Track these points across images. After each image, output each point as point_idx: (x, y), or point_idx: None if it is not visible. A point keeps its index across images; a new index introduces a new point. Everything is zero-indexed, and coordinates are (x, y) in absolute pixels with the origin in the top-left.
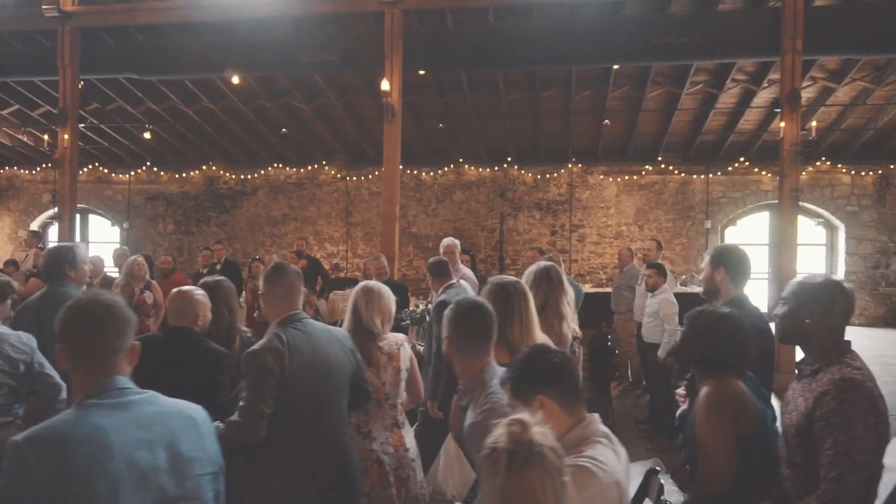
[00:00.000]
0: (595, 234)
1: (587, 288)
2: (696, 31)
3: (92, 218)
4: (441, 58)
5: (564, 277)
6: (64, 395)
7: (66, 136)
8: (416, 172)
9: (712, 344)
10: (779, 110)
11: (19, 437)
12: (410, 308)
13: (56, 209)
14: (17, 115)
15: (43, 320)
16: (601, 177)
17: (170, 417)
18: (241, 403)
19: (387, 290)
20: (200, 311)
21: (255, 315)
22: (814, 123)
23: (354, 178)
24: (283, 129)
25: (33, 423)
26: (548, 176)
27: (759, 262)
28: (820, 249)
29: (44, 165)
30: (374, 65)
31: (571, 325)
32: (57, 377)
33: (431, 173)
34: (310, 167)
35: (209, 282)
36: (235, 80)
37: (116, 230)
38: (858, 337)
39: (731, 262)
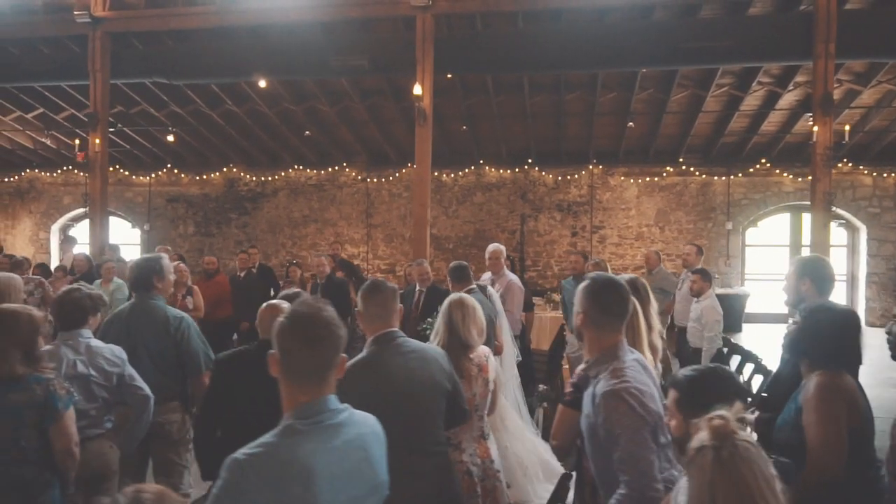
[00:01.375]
0: (616, 235)
1: None
2: (726, 35)
3: (112, 220)
4: (470, 62)
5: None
6: (152, 406)
7: (97, 141)
8: (436, 174)
9: (832, 339)
10: (807, 113)
11: (240, 455)
12: (431, 319)
13: (84, 210)
14: (40, 119)
15: (134, 332)
16: (622, 178)
17: (368, 439)
18: None
19: (478, 303)
20: None
21: None
22: (847, 128)
23: (375, 180)
24: (307, 132)
25: (120, 434)
26: (568, 177)
27: (780, 263)
28: (841, 251)
29: (65, 168)
30: (404, 69)
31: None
32: (146, 389)
33: (452, 175)
34: (330, 169)
35: (292, 295)
36: (263, 83)
37: (137, 232)
38: (881, 338)
39: (817, 273)
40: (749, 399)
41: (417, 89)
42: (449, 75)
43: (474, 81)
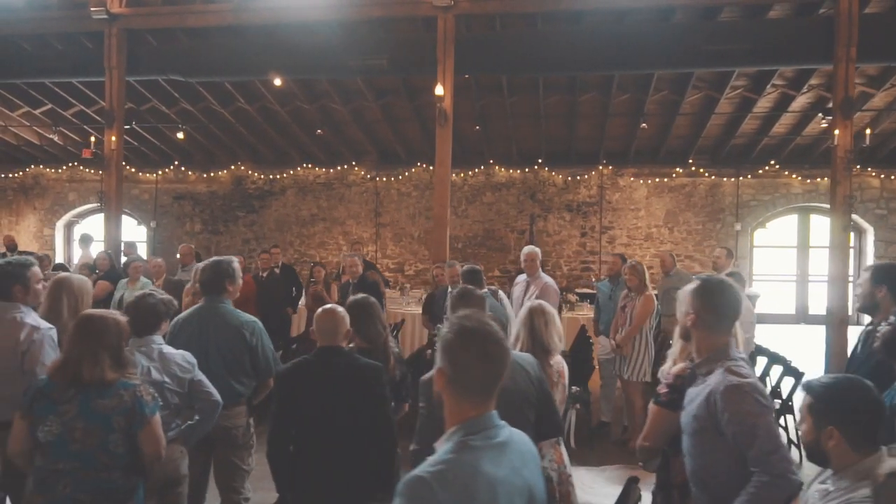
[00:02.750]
0: (625, 235)
1: None
2: (746, 38)
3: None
4: (489, 62)
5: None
6: (219, 411)
7: (112, 138)
8: None
9: None
10: (820, 114)
11: (424, 473)
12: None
13: (89, 207)
14: (48, 115)
15: (206, 337)
16: (631, 179)
17: (528, 456)
18: (418, 428)
19: (554, 310)
20: (345, 329)
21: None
22: (868, 131)
23: (384, 179)
24: (319, 131)
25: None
26: (578, 178)
27: (787, 264)
28: (848, 252)
29: (71, 164)
30: (424, 69)
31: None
32: (216, 394)
33: (461, 174)
34: (339, 167)
35: (356, 299)
36: (277, 82)
37: (143, 230)
38: None
39: (893, 280)
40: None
41: (439, 90)
42: (466, 76)
43: (489, 82)
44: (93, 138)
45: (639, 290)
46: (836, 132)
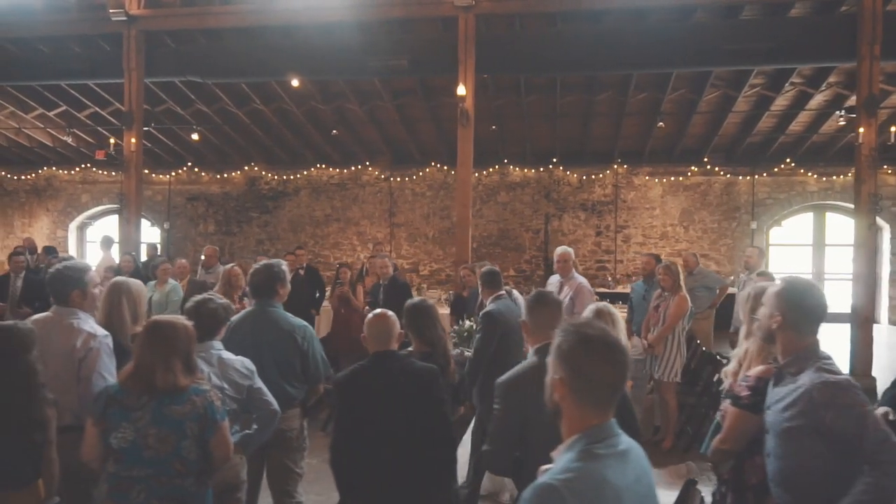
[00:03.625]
0: (640, 234)
1: None
2: (768, 37)
3: None
4: (509, 62)
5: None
6: (277, 420)
7: (132, 140)
8: None
9: None
10: (837, 112)
11: (554, 481)
12: (458, 326)
13: (103, 209)
14: (62, 116)
15: (260, 341)
16: (646, 178)
17: (646, 464)
18: (491, 430)
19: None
20: (397, 332)
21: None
22: (893, 129)
23: (398, 179)
24: (334, 131)
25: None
26: (593, 177)
27: (803, 263)
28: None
29: (84, 166)
30: (444, 69)
31: None
32: (275, 403)
33: (476, 174)
34: (353, 168)
35: (414, 302)
36: (295, 83)
37: (156, 231)
38: None
39: None
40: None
41: (461, 90)
42: (485, 76)
43: (505, 81)
44: (112, 140)
45: (673, 290)
46: (861, 130)
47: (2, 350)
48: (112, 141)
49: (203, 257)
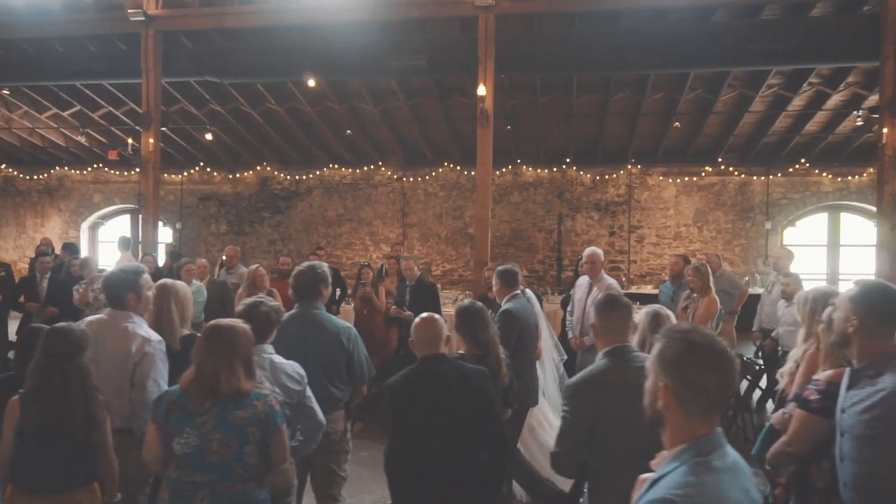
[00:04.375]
0: (654, 235)
1: (648, 289)
2: (790, 37)
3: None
4: (528, 62)
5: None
6: (322, 433)
7: (150, 140)
8: (473, 173)
9: None
10: (855, 111)
11: (672, 496)
12: None
13: (115, 209)
14: (76, 116)
15: (306, 343)
16: (660, 178)
17: (750, 475)
18: (560, 432)
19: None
20: (445, 335)
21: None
22: None
23: (411, 179)
24: (348, 131)
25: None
26: (606, 177)
27: (818, 263)
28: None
29: (96, 166)
30: (463, 69)
31: None
32: (321, 414)
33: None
34: (365, 168)
35: (465, 305)
36: (311, 83)
37: (168, 231)
38: None
39: None
40: None
41: (481, 90)
42: (502, 75)
43: (521, 81)
44: (130, 140)
45: (702, 291)
46: (885, 131)
47: (58, 352)
48: (130, 141)
49: (224, 257)
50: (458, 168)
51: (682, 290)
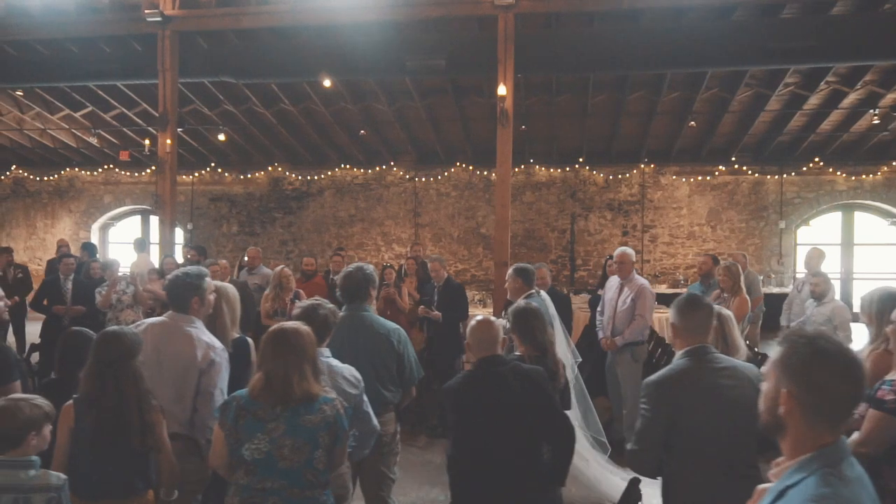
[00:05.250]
0: (667, 234)
1: (662, 289)
2: (810, 35)
3: (153, 219)
4: (547, 62)
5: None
6: (376, 438)
7: (167, 141)
8: (485, 173)
9: None
10: (871, 110)
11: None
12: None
13: (127, 209)
14: (87, 117)
15: (357, 346)
16: (673, 177)
17: (870, 482)
18: (638, 429)
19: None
20: (501, 337)
21: None
22: None
23: (423, 179)
24: (362, 131)
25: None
26: (619, 176)
27: (831, 262)
28: (891, 249)
29: (106, 167)
30: (482, 69)
31: None
32: (375, 421)
33: None
34: (377, 168)
35: (522, 306)
36: (327, 83)
37: (179, 231)
38: None
39: None
40: None
41: (502, 90)
42: (519, 75)
43: (536, 80)
44: (146, 141)
45: (733, 291)
46: None
47: (110, 356)
48: (147, 142)
49: (246, 258)
50: (471, 168)
51: (711, 289)
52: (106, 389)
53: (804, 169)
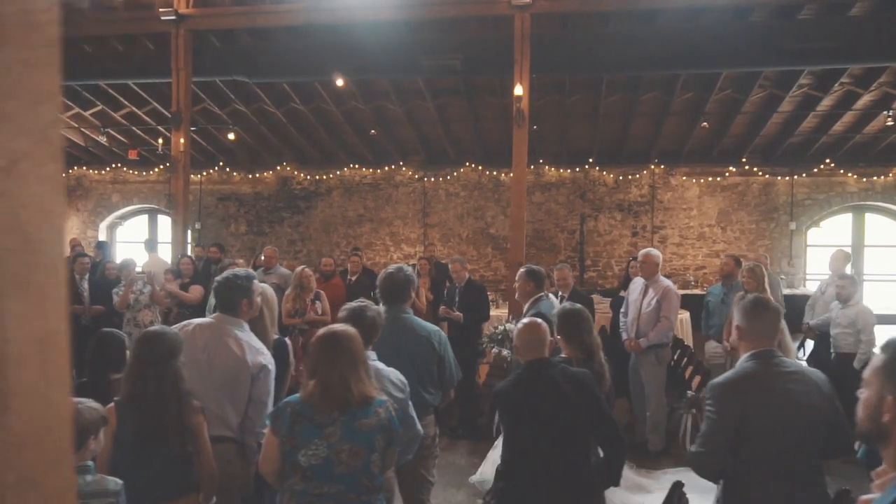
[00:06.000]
0: (677, 235)
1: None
2: (828, 36)
3: (161, 218)
4: (563, 62)
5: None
6: (419, 443)
7: (181, 140)
8: (494, 173)
9: None
10: (885, 111)
11: None
12: (493, 329)
13: (134, 208)
14: (97, 116)
15: (400, 349)
16: (683, 178)
17: None
18: (703, 431)
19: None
20: (549, 340)
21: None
22: None
23: (432, 179)
24: (373, 131)
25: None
26: (629, 177)
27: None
28: None
29: (114, 165)
30: (498, 69)
31: None
32: (419, 425)
33: (511, 174)
34: (386, 168)
35: (568, 308)
36: (340, 82)
37: (187, 231)
38: None
39: None
40: None
41: (518, 90)
42: (533, 75)
43: (549, 81)
44: (160, 140)
45: (757, 293)
46: None
47: (154, 356)
48: (160, 141)
49: (263, 258)
50: (480, 168)
51: (733, 290)
52: (147, 391)
53: (815, 170)
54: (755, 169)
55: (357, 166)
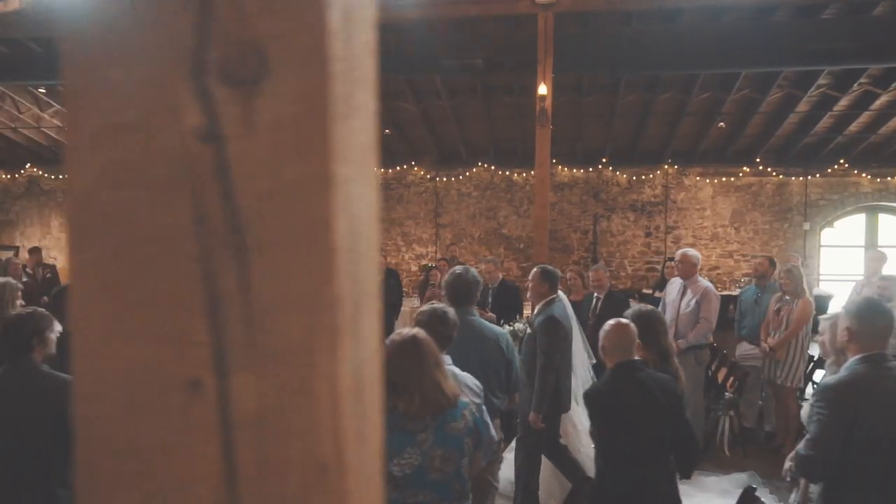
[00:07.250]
0: (690, 235)
1: None
2: (851, 36)
3: None
4: (584, 61)
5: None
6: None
7: None
8: (507, 173)
9: None
10: None
11: None
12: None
13: None
14: None
15: (468, 352)
16: (697, 178)
17: None
18: (814, 435)
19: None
20: (636, 342)
21: None
22: None
23: (444, 179)
24: (386, 130)
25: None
26: (643, 177)
27: (855, 264)
28: None
29: None
30: (520, 68)
31: None
32: (493, 430)
33: (523, 174)
34: (398, 167)
35: (645, 311)
36: None
37: None
38: None
39: None
40: None
41: (542, 89)
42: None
43: (566, 80)
44: None
45: (795, 294)
46: None
47: None
48: None
49: None
50: (493, 168)
51: (767, 291)
52: None
53: (829, 170)
54: (769, 169)
55: None
